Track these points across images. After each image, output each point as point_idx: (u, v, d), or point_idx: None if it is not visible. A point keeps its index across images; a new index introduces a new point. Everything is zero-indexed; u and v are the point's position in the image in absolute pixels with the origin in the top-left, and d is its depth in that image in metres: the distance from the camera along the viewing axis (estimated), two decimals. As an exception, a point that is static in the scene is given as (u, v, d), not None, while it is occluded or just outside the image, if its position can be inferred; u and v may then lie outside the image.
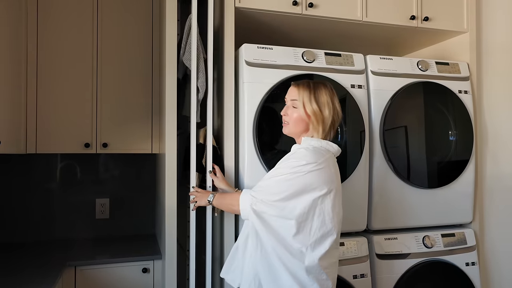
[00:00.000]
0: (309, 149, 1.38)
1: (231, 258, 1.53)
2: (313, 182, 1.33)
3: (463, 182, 2.14)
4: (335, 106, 1.44)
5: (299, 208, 1.32)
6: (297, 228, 1.32)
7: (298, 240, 1.33)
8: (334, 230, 1.36)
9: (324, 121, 1.42)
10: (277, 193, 1.35)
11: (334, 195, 1.37)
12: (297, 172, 1.33)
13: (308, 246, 1.33)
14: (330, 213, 1.35)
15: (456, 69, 2.18)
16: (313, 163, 1.33)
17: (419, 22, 2.19)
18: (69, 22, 2.23)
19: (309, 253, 1.33)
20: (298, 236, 1.33)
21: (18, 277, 1.75)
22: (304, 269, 1.32)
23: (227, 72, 1.85)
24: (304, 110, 1.42)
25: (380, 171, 2.00)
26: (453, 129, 2.13)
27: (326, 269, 1.34)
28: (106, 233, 2.51)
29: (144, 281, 2.07)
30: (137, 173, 2.59)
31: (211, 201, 1.63)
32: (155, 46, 2.34)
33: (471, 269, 2.11)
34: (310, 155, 1.35)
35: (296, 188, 1.33)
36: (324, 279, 1.34)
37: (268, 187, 1.39)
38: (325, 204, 1.35)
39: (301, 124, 1.44)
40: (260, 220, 1.38)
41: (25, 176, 2.40)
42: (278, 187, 1.35)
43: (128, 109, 2.30)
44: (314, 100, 1.41)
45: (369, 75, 2.03)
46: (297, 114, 1.44)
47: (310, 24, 2.12)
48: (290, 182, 1.33)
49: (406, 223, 2.07)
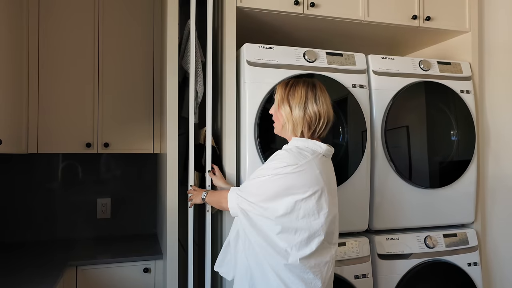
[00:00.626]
0: (292, 150, 1.37)
1: (224, 252, 1.58)
2: (294, 184, 1.32)
3: (465, 182, 2.14)
4: (309, 104, 1.39)
5: (281, 209, 1.33)
6: (281, 228, 1.33)
7: (283, 238, 1.33)
8: (321, 231, 1.35)
9: (294, 120, 1.40)
10: (258, 194, 1.37)
11: (320, 196, 1.34)
12: (277, 174, 1.33)
13: (293, 246, 1.33)
14: (316, 214, 1.34)
15: (458, 69, 2.18)
16: (293, 165, 1.32)
17: (421, 22, 2.19)
18: (71, 22, 2.23)
19: (294, 253, 1.32)
20: (282, 235, 1.33)
21: (20, 277, 1.75)
22: (286, 267, 1.32)
23: (228, 71, 1.85)
24: (278, 109, 1.45)
25: (382, 171, 2.00)
26: (455, 129, 2.12)
27: (312, 268, 1.33)
28: (107, 233, 2.51)
29: (145, 281, 2.07)
30: (139, 173, 2.59)
31: (204, 198, 1.70)
32: (156, 46, 2.34)
33: (473, 270, 2.10)
34: (290, 157, 1.34)
35: (276, 190, 1.33)
36: (310, 278, 1.33)
37: (251, 187, 1.41)
38: (309, 205, 1.33)
39: (279, 123, 1.47)
40: (246, 218, 1.41)
41: (26, 175, 2.40)
42: (260, 188, 1.37)
43: (129, 109, 2.31)
44: (286, 98, 1.42)
45: (370, 75, 2.02)
46: (276, 113, 1.48)
47: (311, 24, 2.12)
48: (270, 183, 1.34)
49: (408, 223, 2.06)
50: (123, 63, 2.30)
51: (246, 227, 1.41)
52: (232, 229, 1.55)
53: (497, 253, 2.24)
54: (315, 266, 1.34)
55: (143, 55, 2.33)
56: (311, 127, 1.41)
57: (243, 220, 1.43)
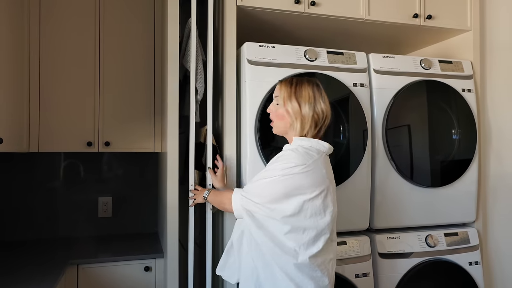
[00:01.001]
0: (298, 150, 1.36)
1: (226, 255, 1.55)
2: (302, 184, 1.32)
3: (466, 181, 2.13)
4: (318, 102, 1.41)
5: (289, 209, 1.33)
6: (289, 228, 1.33)
7: (291, 238, 1.33)
8: (327, 229, 1.36)
9: (302, 118, 1.40)
10: (265, 195, 1.36)
11: (326, 195, 1.36)
12: (285, 174, 1.32)
13: (302, 245, 1.33)
14: (322, 213, 1.35)
15: (459, 67, 2.17)
16: (302, 165, 1.32)
17: (422, 20, 2.18)
18: (72, 21, 2.23)
19: (303, 252, 1.33)
20: (290, 235, 1.33)
21: (21, 275, 1.75)
22: (296, 266, 1.32)
23: (228, 70, 1.85)
24: (284, 106, 1.42)
25: (383, 170, 2.00)
26: (456, 128, 2.12)
27: (320, 266, 1.34)
28: (109, 232, 2.52)
29: (146, 280, 2.07)
30: (140, 171, 2.59)
31: (206, 197, 1.70)
32: (157, 45, 2.34)
33: (474, 269, 2.10)
34: (297, 157, 1.34)
35: (285, 191, 1.33)
36: (319, 276, 1.34)
37: (256, 189, 1.40)
38: (317, 205, 1.34)
39: (282, 122, 1.44)
40: (252, 219, 1.39)
41: (28, 174, 2.41)
42: (267, 189, 1.36)
43: (130, 107, 2.31)
44: (294, 96, 1.41)
45: (371, 74, 2.02)
46: (279, 111, 1.44)
47: (312, 23, 2.12)
48: (278, 184, 1.33)
49: (409, 222, 2.06)
50: (124, 61, 2.30)
51: (252, 228, 1.39)
52: (234, 231, 1.52)
53: (499, 252, 2.24)
54: (322, 263, 1.36)
55: (144, 53, 2.33)
56: (317, 126, 1.41)
57: (248, 221, 1.40)
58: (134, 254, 2.09)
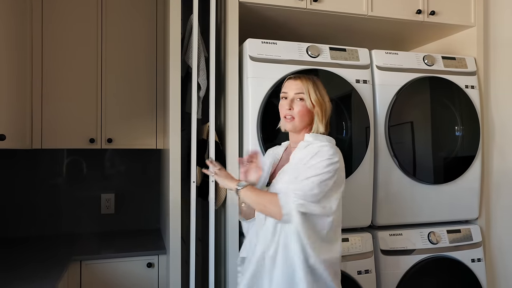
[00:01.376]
0: (332, 145, 1.39)
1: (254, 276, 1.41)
2: (342, 177, 1.38)
3: (469, 178, 2.13)
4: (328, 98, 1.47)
5: (335, 205, 1.35)
6: (335, 223, 1.37)
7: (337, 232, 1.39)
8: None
9: (327, 111, 1.44)
10: (318, 194, 1.31)
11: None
12: (330, 171, 1.33)
13: (339, 239, 1.40)
14: (341, 205, 1.40)
15: (463, 63, 2.16)
16: (340, 160, 1.37)
17: (426, 16, 2.17)
18: (74, 17, 2.23)
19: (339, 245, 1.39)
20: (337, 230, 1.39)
21: (24, 271, 1.76)
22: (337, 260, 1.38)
23: (231, 67, 1.85)
24: (310, 101, 1.41)
25: (385, 167, 1.99)
26: (459, 125, 2.11)
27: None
28: (111, 228, 2.52)
29: (148, 276, 2.08)
30: (143, 168, 2.59)
31: (240, 189, 1.43)
32: (159, 41, 2.34)
33: (477, 266, 2.10)
34: (334, 151, 1.36)
35: (334, 186, 1.34)
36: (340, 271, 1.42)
37: (308, 188, 1.32)
38: (341, 197, 1.39)
39: (307, 117, 1.43)
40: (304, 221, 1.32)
41: (31, 171, 2.41)
42: (320, 187, 1.32)
43: (132, 104, 2.31)
44: (317, 90, 1.43)
45: (374, 70, 2.01)
46: (304, 107, 1.42)
47: (315, 19, 2.11)
48: (329, 181, 1.33)
49: (411, 219, 2.06)
50: (127, 58, 2.30)
51: (302, 230, 1.31)
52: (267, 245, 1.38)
53: (501, 249, 2.23)
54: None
55: (146, 50, 2.33)
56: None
57: (299, 224, 1.31)
58: (137, 250, 2.10)
